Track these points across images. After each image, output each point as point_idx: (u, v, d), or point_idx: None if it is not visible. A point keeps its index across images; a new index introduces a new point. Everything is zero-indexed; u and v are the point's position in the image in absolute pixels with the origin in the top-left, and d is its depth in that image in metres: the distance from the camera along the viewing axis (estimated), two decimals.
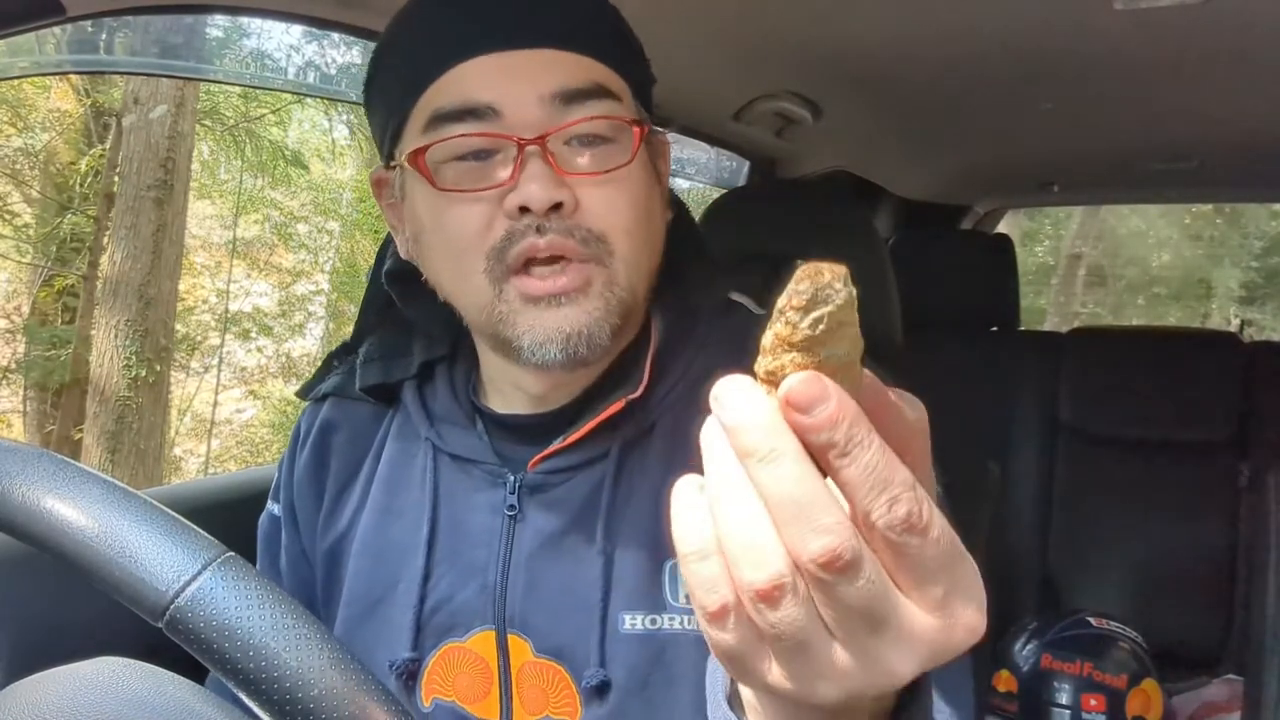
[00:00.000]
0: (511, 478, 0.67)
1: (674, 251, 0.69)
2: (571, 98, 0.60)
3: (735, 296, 0.73)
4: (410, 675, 0.66)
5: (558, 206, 0.59)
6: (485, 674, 0.66)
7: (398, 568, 0.69)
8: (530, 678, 0.64)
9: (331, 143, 7.03)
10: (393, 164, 0.66)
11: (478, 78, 0.60)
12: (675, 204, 0.73)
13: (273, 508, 0.79)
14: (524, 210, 0.59)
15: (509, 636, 0.65)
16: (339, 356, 0.80)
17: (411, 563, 0.68)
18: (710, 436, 0.29)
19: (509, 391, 0.70)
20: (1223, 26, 1.05)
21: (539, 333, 0.60)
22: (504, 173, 0.60)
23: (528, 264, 0.60)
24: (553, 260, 0.60)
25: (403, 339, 0.76)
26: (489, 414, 0.70)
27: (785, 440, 0.27)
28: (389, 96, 0.65)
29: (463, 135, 0.60)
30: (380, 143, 0.68)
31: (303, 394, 0.81)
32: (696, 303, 0.70)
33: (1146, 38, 1.10)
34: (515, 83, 0.60)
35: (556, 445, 0.65)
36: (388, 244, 0.73)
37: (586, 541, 0.64)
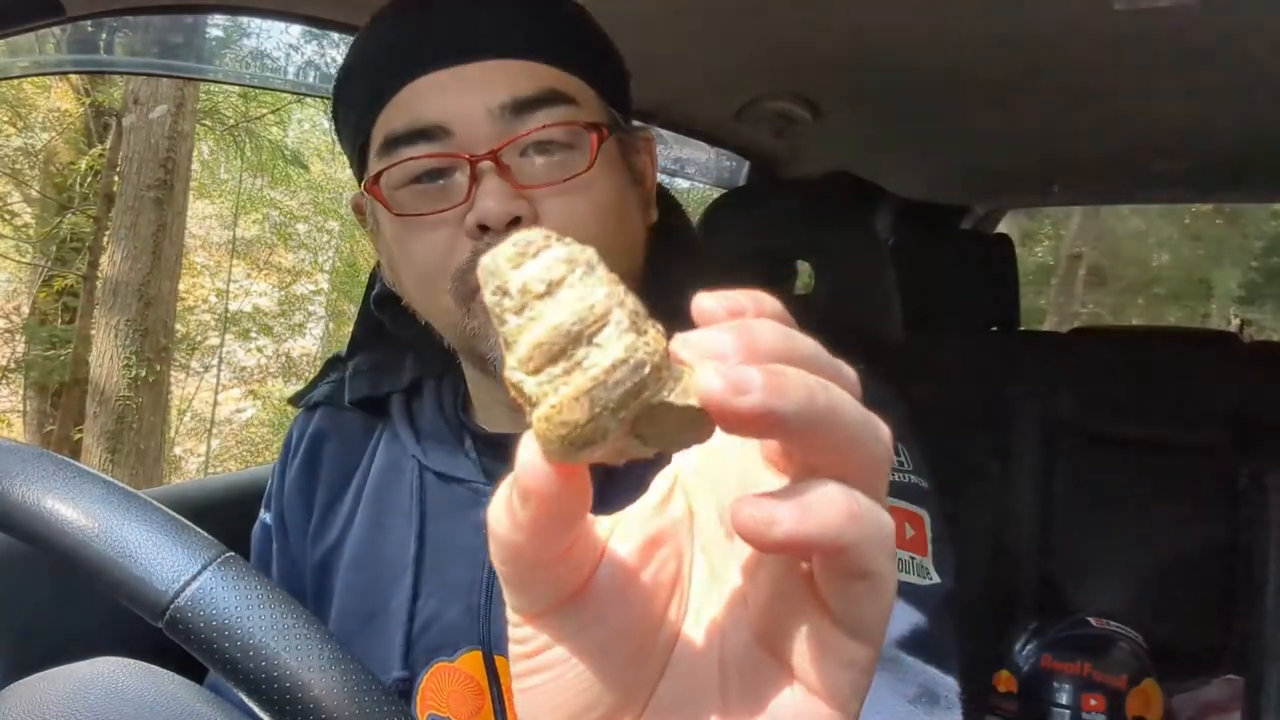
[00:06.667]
0: None
1: (662, 254, 0.68)
2: (523, 107, 0.58)
3: None
4: (403, 694, 0.66)
5: (516, 221, 0.57)
6: (477, 692, 0.65)
7: (389, 584, 0.68)
8: None
9: (331, 142, 7.01)
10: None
11: (427, 97, 0.59)
12: (666, 203, 0.71)
13: (265, 516, 0.78)
14: (484, 228, 0.57)
15: (495, 658, 0.64)
16: (334, 366, 0.79)
17: (401, 580, 0.67)
18: None
19: (496, 409, 0.69)
20: (1222, 26, 1.05)
21: None
22: (461, 192, 0.58)
23: None
24: None
25: (395, 355, 0.75)
26: (478, 432, 0.70)
27: None
28: (349, 123, 0.64)
29: (412, 158, 0.58)
30: (354, 169, 0.67)
31: (294, 402, 0.80)
32: (682, 308, 0.68)
33: (1145, 37, 1.10)
34: (464, 98, 0.58)
35: None
36: (379, 266, 0.72)
37: None
